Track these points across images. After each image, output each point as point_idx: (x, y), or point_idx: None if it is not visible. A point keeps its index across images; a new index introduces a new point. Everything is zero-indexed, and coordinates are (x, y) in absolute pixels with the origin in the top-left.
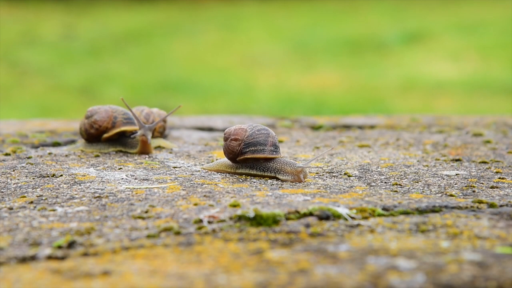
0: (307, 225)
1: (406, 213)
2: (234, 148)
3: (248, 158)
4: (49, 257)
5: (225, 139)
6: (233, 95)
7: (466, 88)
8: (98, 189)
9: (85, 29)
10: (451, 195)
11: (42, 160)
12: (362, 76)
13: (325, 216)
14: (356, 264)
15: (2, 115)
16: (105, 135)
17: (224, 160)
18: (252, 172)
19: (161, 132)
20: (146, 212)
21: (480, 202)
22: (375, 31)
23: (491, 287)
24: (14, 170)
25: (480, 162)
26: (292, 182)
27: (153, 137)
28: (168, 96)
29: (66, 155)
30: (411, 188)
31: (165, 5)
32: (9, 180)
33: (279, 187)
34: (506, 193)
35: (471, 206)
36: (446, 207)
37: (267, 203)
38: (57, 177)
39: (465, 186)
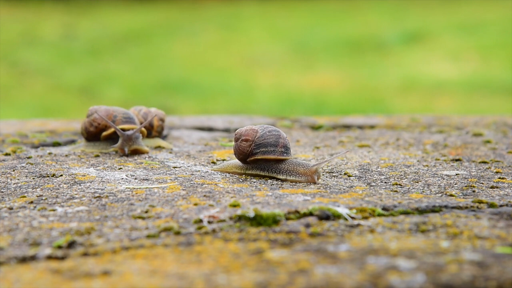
0: (307, 225)
1: (406, 213)
2: (245, 149)
3: (259, 159)
4: (49, 257)
5: (236, 140)
6: (233, 95)
7: (466, 88)
8: (98, 189)
9: (85, 29)
10: (451, 195)
11: (42, 160)
12: (362, 76)
13: (325, 216)
14: (356, 264)
15: (2, 115)
16: (104, 133)
17: (235, 161)
18: (262, 174)
19: (159, 131)
20: (146, 212)
21: (480, 202)
22: (375, 31)
23: (491, 287)
24: (14, 170)
25: (480, 162)
26: (306, 183)
27: (151, 137)
28: (168, 96)
29: (66, 155)
30: (411, 188)
31: (165, 5)
32: (9, 180)
33: (279, 187)
34: (506, 193)
35: (471, 206)
36: (446, 207)
37: (267, 203)
38: (57, 177)
39: (465, 186)
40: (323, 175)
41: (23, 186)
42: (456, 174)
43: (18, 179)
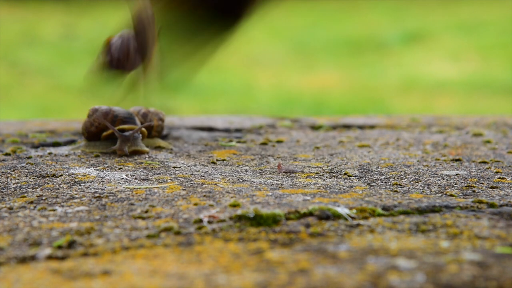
0: (307, 225)
1: (406, 213)
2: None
3: None
4: (49, 257)
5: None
6: (233, 95)
7: (466, 88)
8: (98, 189)
9: (85, 29)
10: (451, 195)
11: (42, 160)
12: (362, 76)
13: (325, 216)
14: (356, 264)
15: (2, 115)
16: (104, 133)
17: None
18: None
19: (159, 132)
20: (146, 212)
21: (480, 202)
22: (375, 31)
23: (491, 287)
24: (14, 170)
25: (480, 162)
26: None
27: (151, 137)
28: (168, 96)
29: (66, 155)
30: (411, 188)
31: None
32: (9, 180)
33: (279, 187)
34: (506, 193)
35: (471, 206)
36: (446, 207)
37: (267, 203)
38: (57, 177)
39: (465, 186)
40: (322, 175)
41: (23, 186)
42: (456, 174)
43: (18, 179)
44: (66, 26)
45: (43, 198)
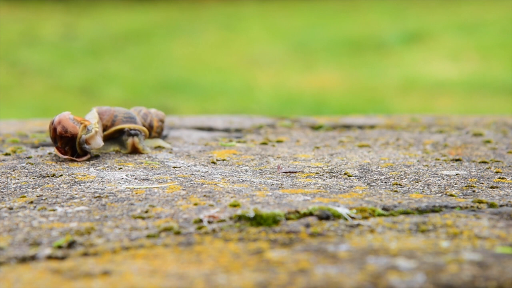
0: (307, 225)
1: (406, 213)
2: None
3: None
4: (49, 257)
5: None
6: (233, 95)
7: (466, 88)
8: (98, 189)
9: (85, 29)
10: (451, 195)
11: (42, 160)
12: (362, 76)
13: (325, 216)
14: (356, 264)
15: (2, 115)
16: (105, 133)
17: None
18: None
19: (158, 132)
20: (146, 212)
21: (480, 202)
22: (375, 31)
23: (491, 287)
24: (14, 170)
25: (480, 162)
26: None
27: (151, 137)
28: (168, 96)
29: None
30: (411, 188)
31: (165, 5)
32: (9, 180)
33: (279, 187)
34: (506, 193)
35: (471, 206)
36: (446, 207)
37: (267, 203)
38: (57, 177)
39: (465, 186)
40: (322, 175)
41: (23, 186)
42: (456, 174)
43: (18, 179)
44: (66, 26)
45: (43, 198)
